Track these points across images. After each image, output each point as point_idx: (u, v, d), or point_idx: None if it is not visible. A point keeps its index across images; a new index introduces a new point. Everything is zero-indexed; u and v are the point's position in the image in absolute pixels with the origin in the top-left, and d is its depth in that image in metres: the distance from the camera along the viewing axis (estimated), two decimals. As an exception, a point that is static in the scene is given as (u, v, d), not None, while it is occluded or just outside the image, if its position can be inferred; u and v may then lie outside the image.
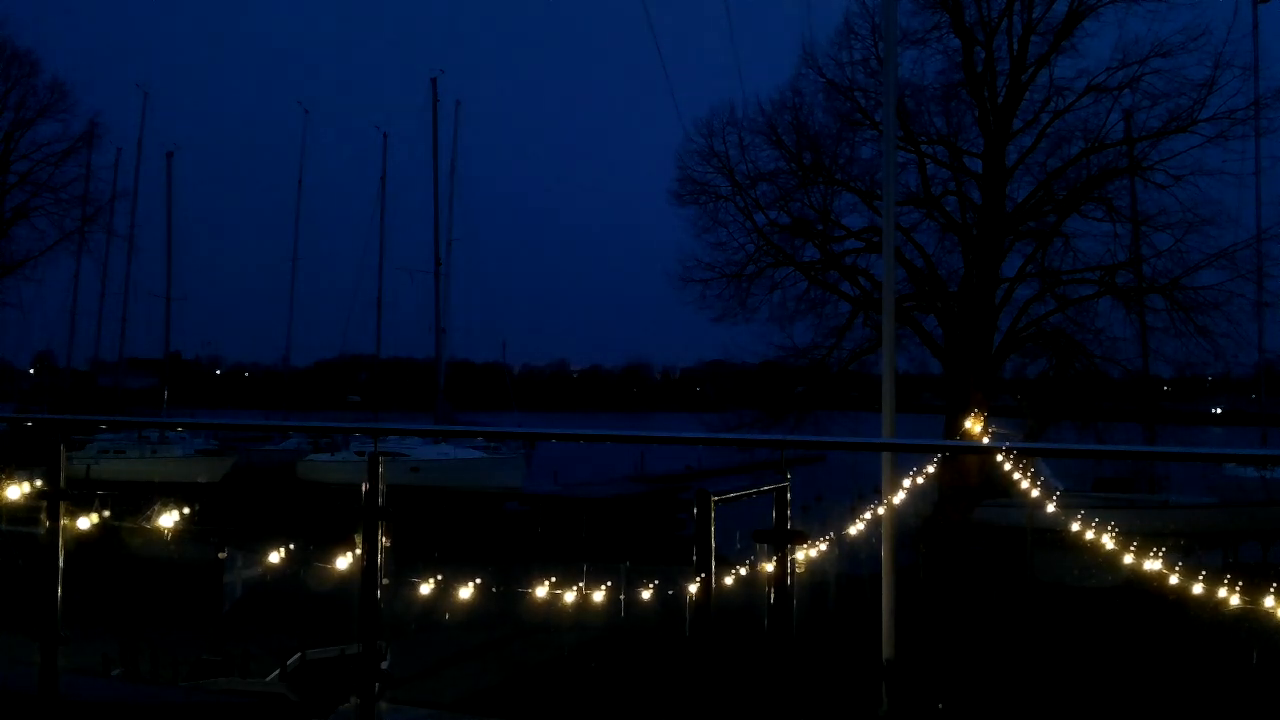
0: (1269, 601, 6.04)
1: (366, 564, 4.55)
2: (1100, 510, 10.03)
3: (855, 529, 7.72)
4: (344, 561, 5.00)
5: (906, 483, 7.96)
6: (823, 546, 7.33)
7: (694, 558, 4.00)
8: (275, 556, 6.15)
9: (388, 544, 4.59)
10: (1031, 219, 24.96)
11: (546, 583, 5.70)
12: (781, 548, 4.23)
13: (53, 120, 35.85)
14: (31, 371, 50.48)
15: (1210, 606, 6.75)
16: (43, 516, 5.10)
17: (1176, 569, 7.22)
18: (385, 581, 4.62)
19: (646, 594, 6.46)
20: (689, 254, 26.81)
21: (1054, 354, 25.08)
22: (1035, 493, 7.67)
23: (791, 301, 26.20)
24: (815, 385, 26.05)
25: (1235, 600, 6.49)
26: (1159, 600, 8.35)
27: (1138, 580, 7.78)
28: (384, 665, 4.75)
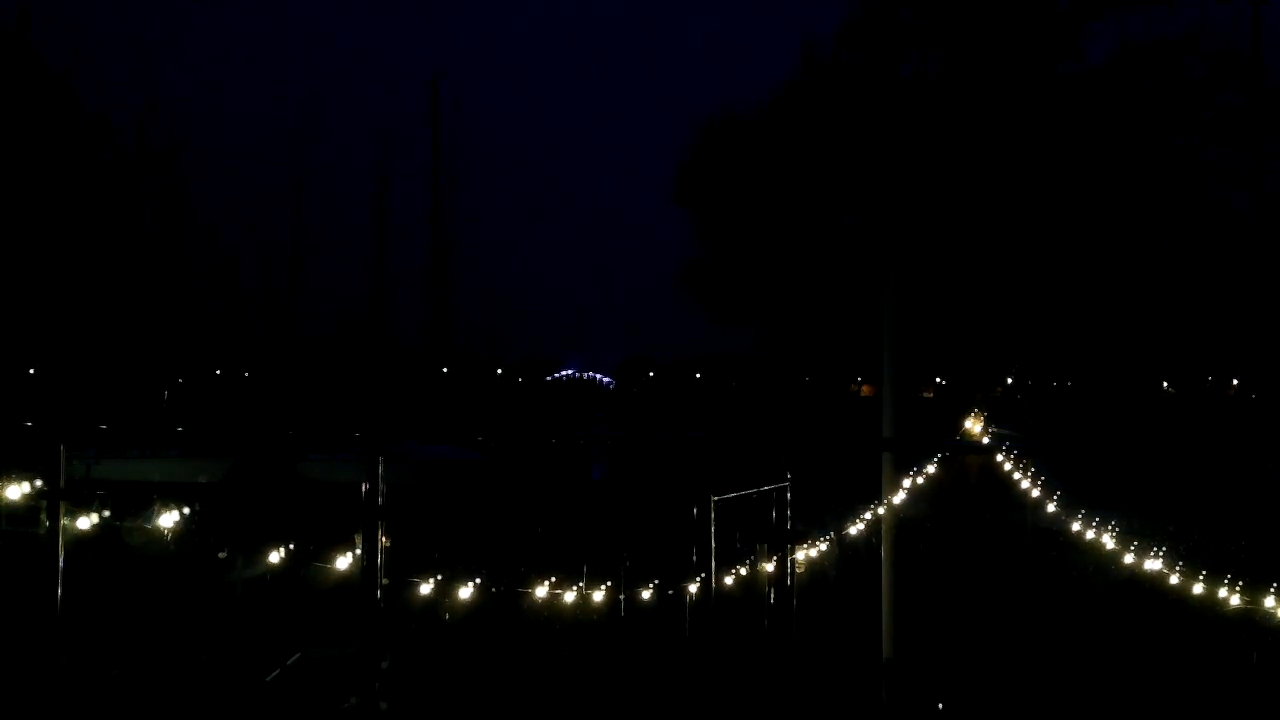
0: (1269, 601, 6.04)
1: (366, 564, 4.55)
2: (1100, 510, 10.04)
3: (855, 529, 7.74)
4: (344, 561, 5.01)
5: (906, 483, 7.96)
6: (823, 546, 7.35)
7: (694, 558, 4.01)
8: (275, 556, 6.16)
9: (388, 544, 4.59)
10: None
11: (546, 583, 5.71)
12: (781, 548, 4.23)
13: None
14: (32, 372, 50.46)
15: (1211, 606, 6.75)
16: (43, 516, 5.11)
17: (1177, 569, 7.23)
18: (385, 581, 4.62)
19: (646, 594, 6.46)
20: (689, 253, 26.83)
21: (1054, 354, 25.08)
22: (1035, 493, 7.67)
23: (791, 301, 26.19)
24: (815, 385, 26.05)
25: (1235, 600, 6.50)
26: (1160, 599, 8.35)
27: (1138, 579, 7.79)
28: (384, 665, 4.75)
